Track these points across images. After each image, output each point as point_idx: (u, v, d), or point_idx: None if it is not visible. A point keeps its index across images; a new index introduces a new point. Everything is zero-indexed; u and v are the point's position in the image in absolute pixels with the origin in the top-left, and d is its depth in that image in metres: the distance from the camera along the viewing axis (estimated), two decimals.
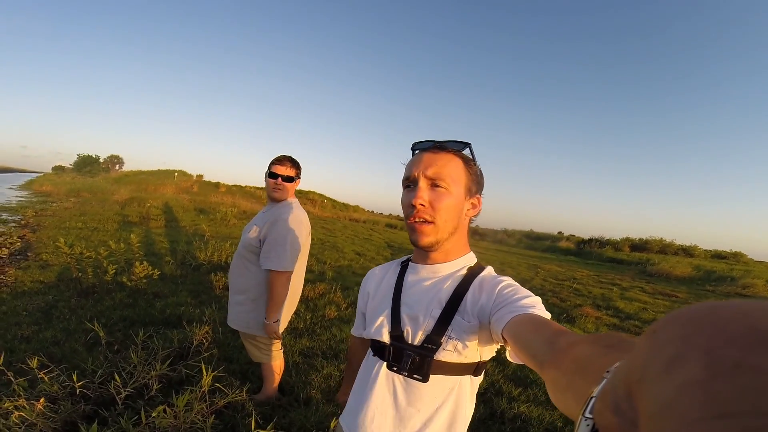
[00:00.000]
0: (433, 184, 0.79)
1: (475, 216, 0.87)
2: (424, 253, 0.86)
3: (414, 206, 0.78)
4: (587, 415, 0.24)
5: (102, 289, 3.90)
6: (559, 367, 0.37)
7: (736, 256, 20.41)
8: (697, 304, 0.18)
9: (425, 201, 0.78)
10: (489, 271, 0.85)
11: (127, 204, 11.94)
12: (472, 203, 0.84)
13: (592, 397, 0.25)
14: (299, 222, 1.97)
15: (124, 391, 1.86)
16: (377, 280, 0.97)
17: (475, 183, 0.84)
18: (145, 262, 4.16)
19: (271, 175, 1.97)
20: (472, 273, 0.83)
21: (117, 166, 50.86)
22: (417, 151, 0.85)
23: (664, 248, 20.26)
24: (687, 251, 20.22)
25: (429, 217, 0.78)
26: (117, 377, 1.88)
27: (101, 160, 44.51)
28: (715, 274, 12.11)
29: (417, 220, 0.79)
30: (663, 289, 9.02)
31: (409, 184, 0.82)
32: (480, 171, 0.86)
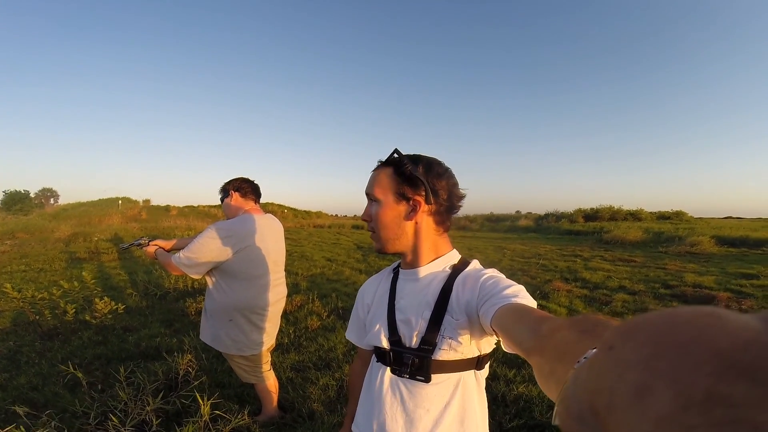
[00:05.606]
0: (371, 199, 0.87)
1: (433, 214, 0.85)
2: (403, 260, 0.92)
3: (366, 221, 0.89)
4: None
5: (66, 329, 3.63)
6: (542, 354, 0.38)
7: (679, 215, 22.04)
8: (650, 316, 0.18)
9: (368, 216, 0.88)
10: (473, 265, 0.88)
11: (71, 240, 10.99)
12: (411, 205, 0.83)
13: None
14: (223, 231, 1.86)
15: (125, 430, 1.75)
16: (373, 290, 0.99)
17: (408, 184, 0.83)
18: (106, 298, 3.88)
19: None
20: (456, 270, 0.85)
21: (52, 200, 47.27)
22: None
23: (614, 215, 21.46)
24: (635, 215, 21.52)
25: (372, 229, 0.88)
26: (114, 417, 1.76)
27: (32, 195, 40.72)
28: (664, 235, 12.89)
29: (369, 232, 0.89)
30: (621, 256, 9.53)
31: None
32: (413, 170, 0.82)
